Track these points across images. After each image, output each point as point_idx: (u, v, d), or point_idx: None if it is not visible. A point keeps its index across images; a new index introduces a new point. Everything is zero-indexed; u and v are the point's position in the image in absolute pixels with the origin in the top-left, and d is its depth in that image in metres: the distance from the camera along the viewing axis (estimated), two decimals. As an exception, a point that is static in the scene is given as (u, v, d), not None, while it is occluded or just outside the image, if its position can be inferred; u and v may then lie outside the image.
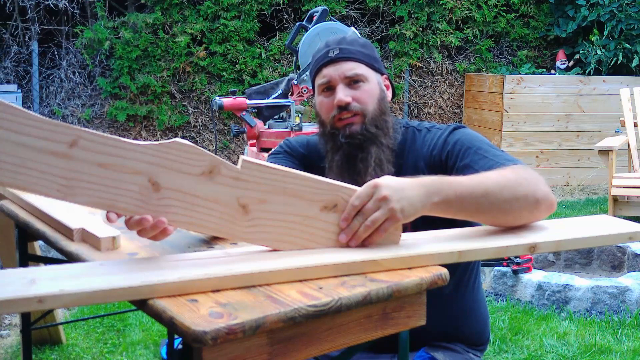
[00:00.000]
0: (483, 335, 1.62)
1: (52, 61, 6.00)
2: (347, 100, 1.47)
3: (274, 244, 1.14)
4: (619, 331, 2.99)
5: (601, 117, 6.22)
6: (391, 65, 6.59)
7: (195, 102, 6.20)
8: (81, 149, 0.99)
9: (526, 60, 6.89)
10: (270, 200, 1.11)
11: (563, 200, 5.95)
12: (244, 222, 1.10)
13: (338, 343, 1.03)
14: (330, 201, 1.15)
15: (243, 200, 1.09)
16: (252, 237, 1.12)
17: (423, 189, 1.18)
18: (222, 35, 6.08)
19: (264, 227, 1.12)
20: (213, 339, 0.86)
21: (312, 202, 1.14)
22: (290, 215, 1.13)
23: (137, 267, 1.06)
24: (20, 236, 1.79)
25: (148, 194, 1.04)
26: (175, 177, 1.05)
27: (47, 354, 2.80)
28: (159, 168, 1.03)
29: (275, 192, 1.11)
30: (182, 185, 1.05)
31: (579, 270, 3.85)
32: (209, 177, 1.06)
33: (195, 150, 1.05)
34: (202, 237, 1.31)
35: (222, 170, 1.07)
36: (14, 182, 0.98)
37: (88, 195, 1.01)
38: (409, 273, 1.10)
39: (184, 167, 1.05)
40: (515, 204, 1.25)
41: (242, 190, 1.09)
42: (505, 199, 1.24)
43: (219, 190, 1.07)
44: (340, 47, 1.51)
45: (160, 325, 1.41)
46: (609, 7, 6.34)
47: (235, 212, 1.09)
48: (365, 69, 1.51)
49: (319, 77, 1.53)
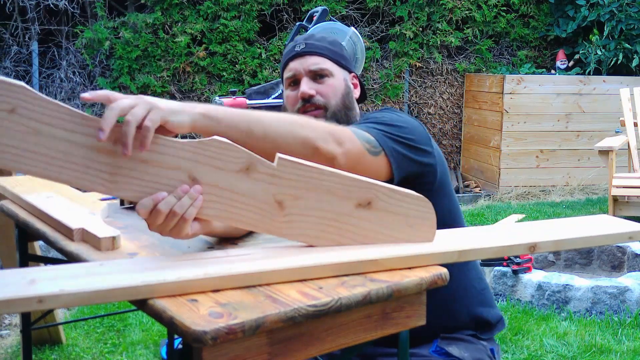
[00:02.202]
0: (488, 315, 1.61)
1: (52, 61, 6.00)
2: (310, 92, 1.51)
3: (309, 240, 1.16)
4: (619, 331, 2.99)
5: (601, 117, 6.22)
6: (391, 65, 6.59)
7: (195, 102, 6.19)
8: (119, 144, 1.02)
9: (526, 60, 6.89)
10: (305, 197, 1.13)
11: (563, 200, 5.95)
12: (280, 218, 1.12)
13: (338, 343, 1.03)
14: (365, 198, 1.16)
15: (279, 197, 1.11)
16: (287, 233, 1.14)
17: (187, 103, 1.12)
18: (222, 35, 6.08)
19: (299, 223, 1.14)
20: (213, 338, 0.87)
21: (346, 199, 1.15)
22: (325, 211, 1.14)
23: (137, 267, 1.06)
24: (20, 236, 1.79)
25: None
26: (214, 173, 1.07)
27: (47, 354, 2.80)
28: (198, 164, 1.06)
29: (310, 188, 1.12)
30: (220, 181, 1.08)
31: (579, 270, 3.85)
32: (246, 173, 1.09)
33: (234, 147, 1.08)
34: (202, 237, 1.31)
35: (259, 167, 1.09)
36: (60, 176, 1.01)
37: (131, 189, 1.05)
38: (409, 273, 1.10)
39: (222, 164, 1.07)
40: (288, 142, 1.19)
41: (277, 187, 1.11)
42: (279, 133, 1.18)
43: (255, 186, 1.10)
44: (306, 42, 1.56)
45: (160, 325, 1.41)
46: (609, 7, 6.34)
47: (271, 208, 1.11)
48: (330, 64, 1.55)
49: (286, 71, 1.57)
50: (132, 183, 1.05)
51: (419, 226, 1.19)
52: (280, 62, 1.63)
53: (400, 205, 1.17)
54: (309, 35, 1.60)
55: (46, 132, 0.99)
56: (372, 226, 1.17)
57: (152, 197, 1.04)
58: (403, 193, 1.17)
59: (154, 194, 1.04)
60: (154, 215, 1.04)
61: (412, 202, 1.18)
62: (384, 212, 1.17)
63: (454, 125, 6.89)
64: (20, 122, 0.98)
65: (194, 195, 1.05)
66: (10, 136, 0.98)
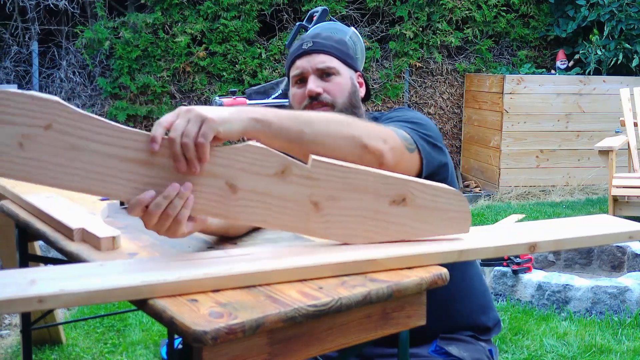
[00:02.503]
0: (487, 318, 1.61)
1: (52, 61, 6.00)
2: (317, 90, 1.51)
3: (347, 239, 1.17)
4: (619, 331, 2.99)
5: (601, 117, 6.22)
6: (391, 65, 6.59)
7: (195, 102, 6.19)
8: (161, 156, 1.03)
9: (526, 60, 6.89)
10: (340, 197, 1.14)
11: (563, 200, 5.95)
12: (317, 219, 1.13)
13: (338, 343, 1.03)
14: (399, 195, 1.16)
15: (314, 198, 1.12)
16: (325, 233, 1.15)
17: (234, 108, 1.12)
18: (222, 35, 6.08)
19: (336, 223, 1.15)
20: (213, 338, 0.86)
21: (381, 197, 1.15)
22: (361, 210, 1.15)
23: (137, 267, 1.06)
24: (20, 236, 1.79)
25: (227, 196, 1.08)
26: (251, 178, 1.08)
27: (47, 354, 2.80)
28: (235, 171, 1.07)
29: (344, 188, 1.13)
30: (257, 186, 1.09)
31: (579, 270, 3.85)
32: (282, 177, 1.10)
33: (268, 152, 1.08)
34: (202, 237, 1.31)
35: (294, 169, 1.10)
36: (101, 190, 1.02)
37: None
38: (409, 273, 1.10)
39: (258, 169, 1.08)
40: (338, 141, 1.20)
41: (313, 188, 1.12)
42: (328, 132, 1.19)
43: (291, 189, 1.11)
44: (314, 41, 1.57)
45: (160, 325, 1.41)
46: (609, 7, 6.34)
47: (308, 209, 1.12)
48: (337, 63, 1.56)
49: (293, 68, 1.58)
50: None
51: (454, 219, 1.20)
52: (286, 60, 1.63)
53: (434, 200, 1.18)
54: (316, 34, 1.60)
55: (82, 147, 0.99)
56: (407, 222, 1.18)
57: (138, 198, 1.02)
58: (436, 187, 1.18)
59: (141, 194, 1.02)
60: (147, 216, 1.04)
61: (446, 196, 1.19)
62: (418, 208, 1.18)
63: (454, 125, 6.89)
64: (56, 138, 0.98)
65: (184, 194, 1.03)
66: (46, 152, 0.98)
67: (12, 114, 0.96)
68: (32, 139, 0.97)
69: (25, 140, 0.97)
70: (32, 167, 0.98)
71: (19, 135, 0.96)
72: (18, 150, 0.97)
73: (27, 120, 0.96)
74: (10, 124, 0.96)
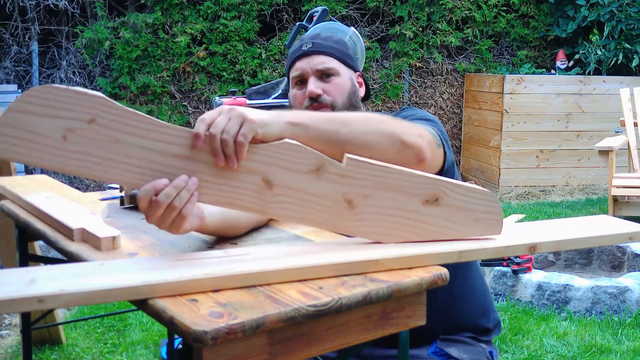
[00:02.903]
0: (488, 319, 1.61)
1: (52, 61, 6.00)
2: (317, 92, 1.52)
3: (378, 237, 1.18)
4: (619, 331, 2.99)
5: (601, 117, 6.22)
6: (391, 65, 6.59)
7: (195, 102, 6.20)
8: (201, 151, 1.06)
9: (526, 60, 6.89)
10: (373, 195, 1.15)
11: (563, 200, 5.95)
12: (350, 217, 1.15)
13: (338, 343, 1.03)
14: (431, 195, 1.17)
15: (348, 196, 1.14)
16: (357, 231, 1.17)
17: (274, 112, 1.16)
18: (222, 35, 6.08)
19: (368, 221, 1.16)
20: (213, 338, 0.86)
21: (414, 196, 1.17)
22: (393, 209, 1.16)
23: (137, 267, 1.06)
24: (20, 236, 1.79)
25: (263, 191, 1.10)
26: (287, 175, 1.11)
27: (47, 354, 2.80)
28: (271, 167, 1.10)
29: (378, 187, 1.15)
30: (293, 183, 1.11)
31: (579, 270, 3.85)
32: (317, 174, 1.12)
33: (304, 149, 1.11)
34: (202, 237, 1.31)
35: (329, 167, 1.12)
36: (140, 182, 1.05)
37: (209, 194, 1.08)
38: (409, 273, 1.10)
39: (294, 166, 1.11)
40: (376, 139, 1.21)
41: (347, 186, 1.14)
42: (366, 131, 1.21)
43: (325, 186, 1.13)
44: (313, 42, 1.57)
45: (160, 325, 1.41)
46: (609, 7, 6.33)
47: (342, 206, 1.14)
48: (337, 64, 1.57)
49: (293, 70, 1.58)
50: (209, 187, 1.08)
51: (486, 220, 1.21)
52: (286, 61, 1.63)
53: (467, 201, 1.19)
54: (315, 35, 1.61)
55: (125, 141, 1.03)
56: (440, 222, 1.19)
57: (153, 183, 1.04)
58: (469, 188, 1.19)
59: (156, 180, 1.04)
60: (154, 207, 1.04)
61: (478, 197, 1.20)
62: (450, 208, 1.19)
63: (454, 125, 6.89)
64: (99, 132, 1.02)
65: (192, 187, 1.05)
66: (89, 145, 1.02)
67: (58, 108, 1.00)
68: (75, 132, 1.01)
69: (69, 134, 1.01)
70: (73, 160, 1.02)
71: (63, 128, 1.00)
72: (61, 143, 1.01)
73: (72, 114, 1.00)
74: (55, 117, 1.00)
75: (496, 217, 1.21)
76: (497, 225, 1.22)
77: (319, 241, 1.28)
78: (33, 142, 1.00)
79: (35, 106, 0.99)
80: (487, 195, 1.20)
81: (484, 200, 1.20)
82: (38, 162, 1.01)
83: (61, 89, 0.99)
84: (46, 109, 0.99)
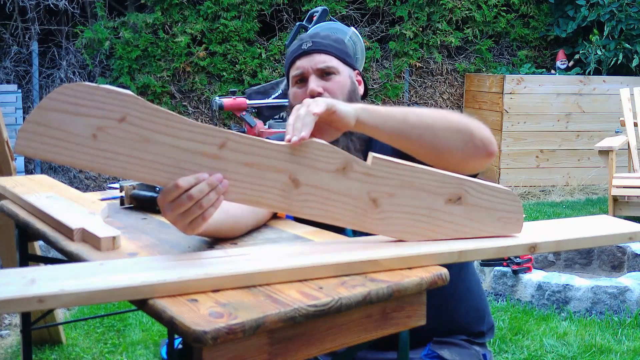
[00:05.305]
0: (482, 322, 1.61)
1: (52, 61, 6.00)
2: (318, 90, 1.53)
3: (402, 235, 1.19)
4: (619, 331, 2.99)
5: (601, 117, 6.22)
6: (391, 65, 6.59)
7: (195, 102, 6.20)
8: (229, 150, 1.07)
9: (526, 60, 6.89)
10: (398, 194, 1.17)
11: (563, 200, 5.95)
12: (374, 215, 1.16)
13: (338, 343, 1.03)
14: (455, 194, 1.19)
15: (373, 194, 1.16)
16: (381, 229, 1.18)
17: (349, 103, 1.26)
18: (222, 35, 6.08)
19: (392, 220, 1.18)
20: (213, 338, 0.86)
21: (438, 195, 1.18)
22: (417, 208, 1.18)
23: (137, 267, 1.06)
24: (20, 236, 1.79)
25: (289, 190, 1.12)
26: (313, 173, 1.12)
27: (47, 354, 2.80)
28: (298, 166, 1.11)
29: (403, 186, 1.17)
30: (319, 181, 1.13)
31: (579, 270, 3.85)
32: (343, 173, 1.13)
33: (330, 148, 1.12)
34: (202, 237, 1.31)
35: (354, 166, 1.14)
36: (168, 181, 1.05)
37: (236, 192, 1.09)
38: (409, 273, 1.10)
39: (320, 165, 1.12)
40: (448, 133, 1.27)
41: (372, 185, 1.15)
42: (438, 125, 1.26)
43: (351, 185, 1.14)
44: (313, 40, 1.58)
45: (160, 325, 1.41)
46: (609, 7, 6.34)
47: (366, 205, 1.16)
48: (336, 62, 1.57)
49: (293, 69, 1.59)
50: (237, 186, 1.08)
51: (507, 219, 1.23)
52: (286, 60, 1.64)
53: (489, 200, 1.21)
54: (315, 34, 1.62)
55: (155, 139, 1.03)
56: (462, 220, 1.20)
57: (195, 176, 1.04)
58: (492, 187, 1.21)
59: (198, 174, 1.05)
60: (182, 201, 1.04)
61: (500, 196, 1.21)
62: (473, 207, 1.20)
63: (454, 125, 6.89)
64: (129, 130, 1.02)
65: (221, 191, 1.06)
66: (119, 144, 1.02)
67: (88, 107, 0.99)
68: (106, 131, 1.01)
69: (99, 132, 1.01)
70: (102, 158, 1.02)
71: (93, 127, 1.00)
72: (92, 141, 1.01)
73: (103, 112, 1.00)
74: (86, 116, 1.00)
75: (517, 217, 1.23)
76: (517, 224, 1.24)
77: (319, 241, 1.28)
78: (63, 141, 0.99)
79: (66, 104, 0.98)
80: (509, 195, 1.22)
81: (506, 199, 1.22)
82: (68, 161, 1.01)
83: (92, 87, 0.99)
84: (77, 107, 0.99)
